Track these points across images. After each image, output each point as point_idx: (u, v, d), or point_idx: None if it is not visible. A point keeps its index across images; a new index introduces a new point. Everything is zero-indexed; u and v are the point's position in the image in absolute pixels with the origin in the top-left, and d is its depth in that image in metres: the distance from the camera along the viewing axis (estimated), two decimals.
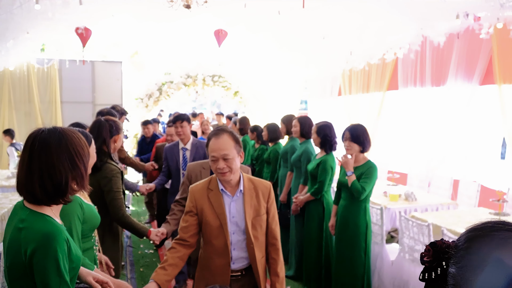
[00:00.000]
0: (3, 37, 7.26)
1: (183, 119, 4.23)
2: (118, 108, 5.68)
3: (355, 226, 3.76)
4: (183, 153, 4.24)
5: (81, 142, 1.62)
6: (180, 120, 4.22)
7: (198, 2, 4.77)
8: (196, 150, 4.19)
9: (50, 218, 1.56)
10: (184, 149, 4.25)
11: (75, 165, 1.57)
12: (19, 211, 1.57)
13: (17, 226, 1.52)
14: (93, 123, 3.09)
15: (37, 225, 1.51)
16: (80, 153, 1.60)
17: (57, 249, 1.48)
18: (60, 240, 1.50)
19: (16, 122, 9.39)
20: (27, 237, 1.48)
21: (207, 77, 10.52)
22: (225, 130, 2.32)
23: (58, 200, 1.57)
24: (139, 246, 5.88)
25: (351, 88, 8.60)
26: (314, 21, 6.58)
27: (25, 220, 1.52)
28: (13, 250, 1.50)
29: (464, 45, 5.63)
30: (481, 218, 3.39)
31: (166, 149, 4.33)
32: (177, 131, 4.22)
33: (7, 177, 6.20)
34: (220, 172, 2.24)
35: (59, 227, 1.55)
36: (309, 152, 4.69)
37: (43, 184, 1.52)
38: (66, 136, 1.58)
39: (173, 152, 4.27)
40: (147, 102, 10.43)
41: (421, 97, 6.48)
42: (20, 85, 9.39)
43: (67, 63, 9.19)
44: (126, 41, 9.18)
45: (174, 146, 4.31)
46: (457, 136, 6.01)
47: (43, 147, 1.53)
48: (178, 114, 4.35)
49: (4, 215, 4.31)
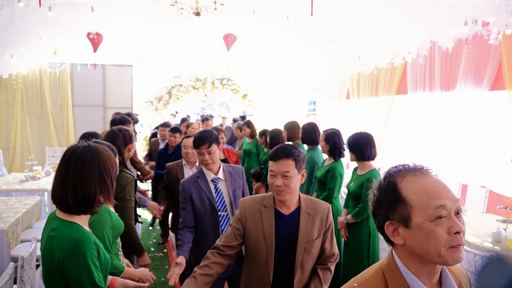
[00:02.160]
0: (16, 42, 7.40)
1: (210, 141, 3.01)
2: (134, 117, 5.96)
3: (358, 233, 3.80)
4: (215, 186, 3.04)
5: (111, 160, 1.79)
6: (208, 143, 3.00)
7: (208, 10, 4.83)
8: (232, 179, 3.10)
9: (78, 225, 1.72)
10: (215, 180, 3.05)
11: (103, 180, 1.73)
12: (52, 221, 1.74)
13: (50, 235, 1.69)
14: (107, 134, 3.18)
15: (66, 233, 1.67)
16: (109, 169, 1.76)
17: (87, 253, 1.65)
18: (89, 244, 1.67)
19: (29, 125, 9.55)
20: (58, 245, 1.64)
21: (216, 80, 10.60)
22: None
23: (87, 210, 1.74)
24: (149, 250, 5.97)
25: (360, 91, 8.61)
26: (322, 25, 6.62)
27: (56, 228, 1.68)
28: (47, 257, 1.67)
29: (473, 51, 5.62)
30: (489, 225, 3.44)
31: (185, 184, 3.04)
32: (204, 159, 3.01)
33: (20, 180, 6.30)
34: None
35: (87, 233, 1.71)
36: (313, 160, 4.71)
37: (75, 195, 1.69)
38: (98, 153, 1.75)
39: (198, 187, 3.01)
40: (157, 105, 10.53)
41: (430, 101, 6.48)
42: (32, 88, 9.55)
43: (79, 67, 9.33)
44: (136, 45, 9.29)
45: (196, 178, 3.05)
46: (466, 141, 6.00)
47: (78, 161, 1.71)
48: (201, 134, 3.10)
49: (19, 219, 4.40)
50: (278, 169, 2.18)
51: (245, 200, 2.39)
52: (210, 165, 3.02)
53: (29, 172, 6.93)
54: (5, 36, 6.77)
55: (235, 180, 3.10)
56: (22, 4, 5.01)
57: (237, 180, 3.10)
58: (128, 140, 3.16)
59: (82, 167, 1.70)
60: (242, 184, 3.13)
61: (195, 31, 7.94)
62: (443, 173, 6.17)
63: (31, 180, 6.28)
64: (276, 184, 2.19)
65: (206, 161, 3.01)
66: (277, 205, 2.28)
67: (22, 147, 9.49)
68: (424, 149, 6.66)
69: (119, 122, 4.41)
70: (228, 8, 5.58)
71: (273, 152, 2.25)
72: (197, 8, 4.82)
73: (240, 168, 3.21)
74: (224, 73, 10.62)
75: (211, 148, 3.01)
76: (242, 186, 3.13)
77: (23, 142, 9.51)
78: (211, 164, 3.03)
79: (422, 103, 6.66)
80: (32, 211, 4.93)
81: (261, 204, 2.30)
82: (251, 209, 2.32)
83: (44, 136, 9.68)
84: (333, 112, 9.89)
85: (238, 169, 3.18)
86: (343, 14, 6.14)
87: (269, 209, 2.27)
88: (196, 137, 3.06)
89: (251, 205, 2.33)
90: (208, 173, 3.06)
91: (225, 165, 3.14)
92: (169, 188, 4.04)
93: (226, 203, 3.03)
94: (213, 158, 3.02)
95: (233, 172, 3.13)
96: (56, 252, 1.64)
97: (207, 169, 3.07)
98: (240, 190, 3.11)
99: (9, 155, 9.40)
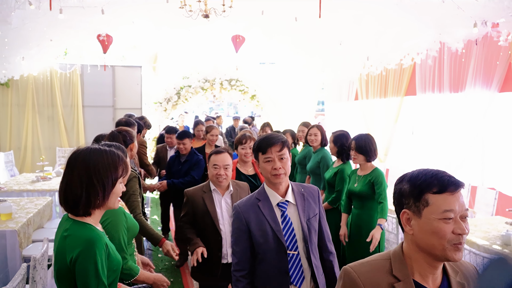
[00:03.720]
0: (27, 44, 7.50)
1: (283, 142, 2.25)
2: (147, 121, 6.07)
3: (369, 232, 3.81)
4: (283, 213, 2.25)
5: (106, 163, 1.77)
6: (280, 144, 2.23)
7: (217, 12, 4.86)
8: (306, 204, 2.31)
9: (91, 225, 1.75)
10: (283, 205, 2.26)
11: (91, 184, 1.73)
12: (64, 223, 1.78)
13: (63, 235, 1.73)
14: (107, 137, 3.24)
15: (79, 232, 1.71)
16: (100, 173, 1.75)
17: (97, 253, 1.67)
18: (100, 245, 1.70)
19: (40, 126, 9.66)
20: (71, 244, 1.68)
21: (225, 81, 10.62)
22: None
23: (79, 212, 1.75)
24: (159, 250, 6.00)
25: (368, 92, 8.59)
26: (331, 26, 6.62)
27: (69, 229, 1.72)
28: (60, 257, 1.71)
29: (482, 52, 5.59)
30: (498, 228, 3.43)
31: (241, 208, 2.28)
32: (274, 168, 2.20)
33: (31, 181, 6.38)
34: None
35: (99, 233, 1.75)
36: (329, 158, 4.77)
37: (66, 197, 1.74)
38: (92, 156, 1.76)
39: (258, 213, 2.25)
40: (166, 106, 10.59)
41: (439, 103, 6.46)
42: (43, 89, 9.66)
43: (89, 68, 9.42)
44: (146, 46, 9.37)
45: (255, 201, 2.28)
46: (475, 143, 5.97)
47: (70, 164, 1.76)
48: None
49: (30, 220, 4.47)
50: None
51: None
52: (282, 178, 2.20)
53: (40, 173, 7.02)
54: (16, 38, 6.86)
55: (310, 205, 2.29)
56: (33, 7, 5.08)
57: (311, 205, 2.29)
58: (129, 140, 3.21)
59: (73, 170, 1.74)
60: (319, 211, 2.33)
61: (203, 32, 7.98)
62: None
63: (42, 181, 6.36)
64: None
65: (277, 171, 2.18)
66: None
67: (33, 147, 9.61)
68: (433, 151, 6.63)
69: (124, 124, 4.47)
70: (237, 10, 5.61)
71: None
72: (206, 10, 4.85)
73: (314, 188, 2.38)
74: (232, 74, 10.65)
75: (283, 152, 2.22)
76: (318, 213, 2.32)
77: (34, 142, 9.63)
78: (283, 177, 2.21)
79: (431, 105, 6.64)
80: (43, 211, 4.99)
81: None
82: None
83: (55, 136, 9.78)
84: (342, 113, 9.88)
85: (312, 190, 2.36)
86: (352, 15, 6.15)
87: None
88: (267, 137, 2.25)
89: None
90: (273, 194, 2.25)
91: (295, 184, 2.33)
92: (195, 222, 3.16)
93: (297, 237, 2.22)
94: (286, 167, 2.22)
95: (306, 194, 2.31)
96: (68, 252, 1.67)
97: (273, 188, 2.25)
98: (316, 219, 2.30)
99: (20, 156, 9.51)
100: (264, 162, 2.20)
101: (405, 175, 1.39)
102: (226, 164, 3.08)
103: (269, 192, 2.25)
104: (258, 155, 2.24)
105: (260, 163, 2.24)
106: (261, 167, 2.23)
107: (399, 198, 1.37)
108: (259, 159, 2.23)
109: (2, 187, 5.90)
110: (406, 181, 1.36)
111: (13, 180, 6.60)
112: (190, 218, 3.14)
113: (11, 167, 8.55)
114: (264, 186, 2.28)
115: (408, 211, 1.33)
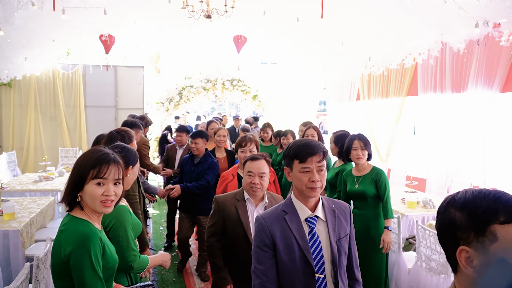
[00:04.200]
0: (30, 44, 7.53)
1: (324, 151, 2.02)
2: (148, 119, 6.12)
3: (376, 230, 3.85)
4: (311, 230, 2.03)
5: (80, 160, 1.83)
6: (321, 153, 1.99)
7: (219, 12, 4.87)
8: (337, 222, 2.07)
9: (87, 221, 1.79)
10: (312, 220, 2.01)
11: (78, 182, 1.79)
12: (64, 219, 1.83)
13: (60, 229, 1.79)
14: (106, 137, 3.28)
15: (74, 227, 1.75)
16: (74, 169, 1.83)
17: (91, 247, 1.71)
18: (95, 240, 1.74)
19: (42, 126, 9.69)
20: (66, 239, 1.73)
21: (226, 81, 10.65)
22: None
23: (72, 207, 1.82)
24: (161, 249, 6.02)
25: (370, 93, 8.60)
26: (333, 27, 6.63)
27: (66, 223, 1.78)
28: (55, 250, 1.76)
29: (484, 52, 5.60)
30: None
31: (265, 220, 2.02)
32: (311, 179, 1.95)
33: (34, 181, 6.40)
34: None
35: (94, 229, 1.78)
36: (328, 158, 4.78)
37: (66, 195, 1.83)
38: (83, 155, 1.85)
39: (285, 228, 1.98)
40: (168, 106, 10.62)
41: (441, 103, 6.46)
42: (45, 90, 9.70)
43: (91, 68, 9.45)
44: (148, 47, 9.40)
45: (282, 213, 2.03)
46: (476, 143, 5.98)
47: None
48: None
49: (33, 219, 4.49)
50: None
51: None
52: (317, 192, 1.95)
53: (42, 173, 7.05)
54: (19, 38, 6.89)
55: (341, 223, 2.03)
56: (35, 7, 5.10)
57: (343, 223, 2.04)
58: (127, 140, 3.25)
59: None
60: (350, 231, 2.09)
61: (205, 33, 8.00)
62: (454, 175, 6.15)
63: (45, 181, 6.38)
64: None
65: (314, 183, 1.93)
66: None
67: (36, 147, 9.64)
68: (435, 151, 6.64)
69: (130, 125, 4.50)
70: (239, 10, 5.63)
71: None
72: (208, 10, 4.86)
73: (346, 205, 2.12)
74: (234, 74, 10.68)
75: (323, 163, 1.98)
76: (349, 233, 2.08)
77: (37, 142, 9.66)
78: (318, 191, 1.96)
79: (433, 105, 6.64)
80: (46, 211, 5.01)
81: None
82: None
83: (57, 136, 9.81)
84: (344, 113, 9.88)
85: (344, 207, 2.10)
86: (353, 15, 6.15)
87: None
88: (308, 144, 1.97)
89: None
90: (301, 208, 1.99)
91: (325, 199, 2.10)
92: (224, 233, 2.87)
93: (325, 258, 1.96)
94: (323, 181, 1.98)
95: (337, 211, 2.05)
96: (63, 246, 1.71)
97: (302, 200, 1.99)
98: (347, 240, 2.06)
99: (22, 156, 9.55)
100: (300, 171, 1.93)
101: (452, 199, 1.08)
102: (261, 172, 2.82)
103: (297, 205, 1.98)
104: (293, 162, 1.97)
105: (293, 171, 1.97)
106: (295, 177, 1.96)
107: (451, 230, 1.06)
108: (293, 167, 1.97)
109: (5, 187, 5.92)
110: (458, 208, 1.05)
111: (15, 180, 6.63)
112: (219, 229, 2.85)
113: (13, 167, 8.58)
114: (291, 197, 2.02)
115: (468, 248, 1.01)
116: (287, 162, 2.02)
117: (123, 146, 2.46)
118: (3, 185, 6.07)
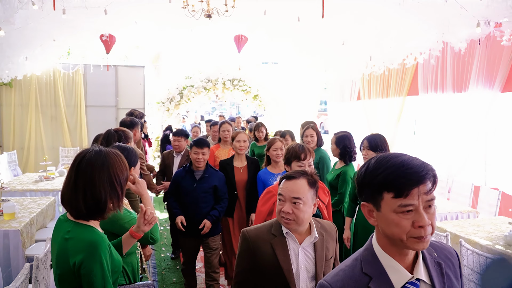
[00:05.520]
0: (31, 44, 7.53)
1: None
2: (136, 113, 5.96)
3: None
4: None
5: (121, 165, 1.78)
6: None
7: (219, 12, 4.87)
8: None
9: (93, 227, 1.74)
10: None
11: (113, 186, 1.73)
12: (64, 224, 1.75)
13: (64, 237, 1.70)
14: (103, 135, 3.28)
15: (82, 235, 1.69)
16: (119, 176, 1.75)
17: (102, 255, 1.66)
18: (104, 247, 1.69)
19: (43, 126, 9.70)
20: (75, 247, 1.66)
21: (227, 81, 10.64)
22: None
23: (97, 216, 1.74)
24: (161, 249, 6.02)
25: (371, 92, 8.59)
26: (334, 26, 6.62)
27: (71, 231, 1.70)
28: (62, 260, 1.68)
29: (485, 52, 5.58)
30: (501, 228, 3.42)
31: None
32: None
33: (34, 180, 6.40)
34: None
35: (102, 235, 1.73)
36: (327, 158, 4.74)
37: (85, 201, 1.69)
38: (109, 158, 1.75)
39: None
40: (168, 106, 10.61)
41: (442, 103, 6.44)
42: (46, 89, 9.71)
43: (92, 68, 9.46)
44: (148, 47, 9.40)
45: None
46: (478, 143, 5.96)
47: (88, 166, 1.71)
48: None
49: (34, 219, 4.48)
50: None
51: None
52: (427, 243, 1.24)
53: (43, 173, 7.05)
54: (19, 38, 6.89)
55: (451, 283, 1.34)
56: (36, 7, 5.09)
57: (453, 283, 1.35)
58: (124, 140, 3.25)
59: (92, 172, 1.70)
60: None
61: (206, 32, 7.99)
62: (455, 175, 6.14)
63: (45, 181, 6.38)
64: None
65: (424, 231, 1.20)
66: None
67: (36, 147, 9.65)
68: (436, 151, 6.62)
69: (129, 125, 4.48)
70: (239, 10, 5.62)
71: None
72: (209, 10, 4.86)
73: (451, 251, 1.44)
74: (235, 74, 10.67)
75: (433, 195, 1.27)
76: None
77: (37, 142, 9.67)
78: (428, 241, 1.26)
79: (434, 104, 6.63)
80: (46, 211, 5.01)
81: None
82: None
83: (58, 136, 9.82)
84: (344, 113, 9.87)
85: (449, 254, 1.41)
86: (354, 15, 6.14)
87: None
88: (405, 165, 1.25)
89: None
90: (395, 268, 1.26)
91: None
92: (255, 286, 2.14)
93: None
94: (434, 224, 1.38)
95: (443, 263, 1.35)
96: (71, 255, 1.65)
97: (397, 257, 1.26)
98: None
99: (23, 156, 9.56)
100: (397, 212, 1.19)
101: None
102: (295, 197, 2.01)
103: (388, 263, 1.25)
104: (382, 196, 1.22)
105: (382, 211, 1.23)
106: (385, 220, 1.22)
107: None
108: (382, 203, 1.22)
109: (5, 187, 5.92)
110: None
111: (16, 180, 6.63)
112: (250, 279, 2.09)
113: (14, 167, 8.58)
114: (374, 251, 1.29)
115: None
116: (368, 194, 1.27)
117: (124, 147, 2.45)
118: (4, 185, 6.07)
